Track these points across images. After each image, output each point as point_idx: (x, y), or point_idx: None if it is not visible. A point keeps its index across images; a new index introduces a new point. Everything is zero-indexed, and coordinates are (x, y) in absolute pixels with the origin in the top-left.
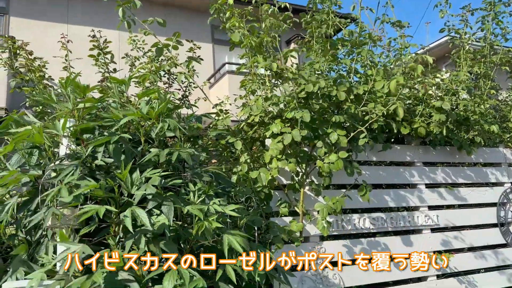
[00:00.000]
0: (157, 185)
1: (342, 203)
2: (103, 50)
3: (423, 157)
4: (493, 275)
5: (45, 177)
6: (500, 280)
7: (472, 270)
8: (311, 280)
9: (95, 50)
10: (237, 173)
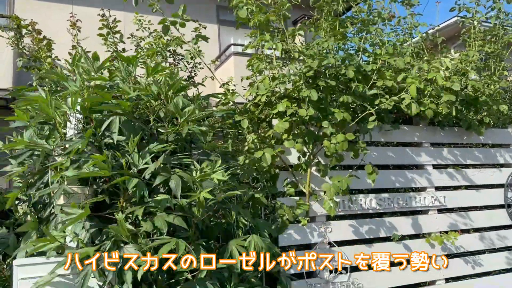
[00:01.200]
0: (165, 162)
1: (349, 183)
2: (112, 29)
3: (431, 138)
4: (498, 256)
5: (54, 154)
6: (506, 261)
7: (478, 251)
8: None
9: (104, 29)
10: (243, 153)
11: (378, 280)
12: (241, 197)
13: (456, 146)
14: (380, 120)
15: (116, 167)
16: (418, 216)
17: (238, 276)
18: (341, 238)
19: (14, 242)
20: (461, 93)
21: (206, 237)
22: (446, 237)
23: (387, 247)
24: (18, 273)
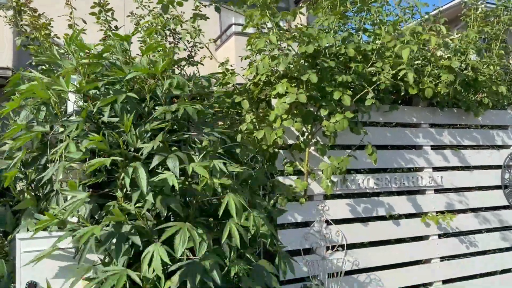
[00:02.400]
0: (163, 140)
1: (347, 163)
2: (104, 7)
3: (430, 118)
4: (494, 236)
5: (53, 133)
6: (500, 241)
7: (474, 231)
8: (314, 237)
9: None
10: (242, 132)
11: (373, 258)
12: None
13: (454, 127)
14: (379, 100)
15: (114, 146)
16: (415, 196)
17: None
18: (338, 216)
19: (11, 219)
20: (460, 74)
21: (205, 215)
22: (442, 217)
23: (383, 226)
24: (20, 247)
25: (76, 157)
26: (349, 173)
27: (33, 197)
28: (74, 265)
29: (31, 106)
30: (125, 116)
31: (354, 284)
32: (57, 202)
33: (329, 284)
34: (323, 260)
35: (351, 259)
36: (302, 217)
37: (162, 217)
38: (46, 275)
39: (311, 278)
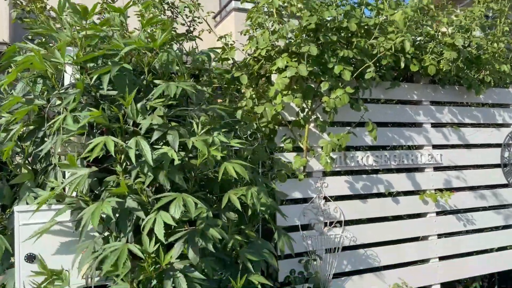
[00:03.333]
0: (162, 115)
1: (347, 139)
2: None
3: (431, 96)
4: (491, 214)
5: (50, 106)
6: (497, 219)
7: (472, 209)
8: (312, 213)
9: None
10: (241, 108)
11: (371, 234)
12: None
13: (455, 105)
14: (381, 77)
15: (112, 120)
16: (414, 173)
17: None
18: (337, 193)
19: (9, 193)
20: (463, 51)
21: (205, 190)
22: (440, 195)
23: (381, 203)
24: (19, 219)
25: (74, 130)
26: (348, 151)
27: (30, 171)
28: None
29: (28, 79)
30: (126, 91)
31: (352, 260)
32: (55, 176)
33: (326, 259)
34: (321, 236)
35: (349, 235)
36: (300, 194)
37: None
38: (45, 248)
39: (309, 254)
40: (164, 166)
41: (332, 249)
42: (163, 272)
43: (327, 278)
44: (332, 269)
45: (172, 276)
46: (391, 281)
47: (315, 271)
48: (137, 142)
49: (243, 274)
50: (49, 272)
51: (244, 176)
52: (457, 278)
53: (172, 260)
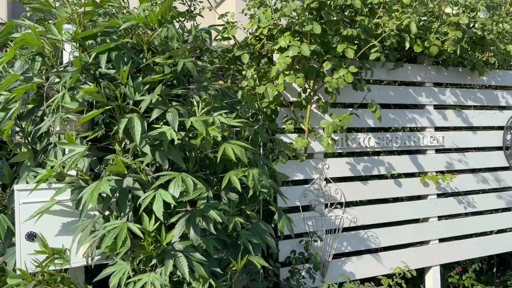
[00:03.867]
0: (162, 94)
1: (349, 120)
2: None
3: (434, 77)
4: (491, 197)
5: (49, 84)
6: (498, 202)
7: (472, 191)
8: (313, 194)
9: None
10: (243, 88)
11: (371, 215)
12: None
13: (458, 87)
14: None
15: (112, 98)
16: (416, 155)
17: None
18: (338, 175)
19: (9, 172)
20: (468, 31)
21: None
22: (442, 177)
23: (382, 185)
24: (19, 198)
25: (72, 108)
26: (350, 132)
27: (30, 150)
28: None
29: (26, 57)
30: (121, 67)
31: (352, 241)
32: (54, 155)
33: (327, 240)
34: (322, 217)
35: (349, 216)
36: (301, 175)
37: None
38: (45, 227)
39: (310, 234)
40: (164, 145)
41: (332, 230)
42: (163, 252)
43: (327, 259)
44: (332, 250)
45: (173, 256)
46: (390, 262)
47: (316, 252)
48: (130, 119)
49: (244, 254)
50: (50, 251)
51: (243, 158)
52: (456, 260)
53: (174, 240)
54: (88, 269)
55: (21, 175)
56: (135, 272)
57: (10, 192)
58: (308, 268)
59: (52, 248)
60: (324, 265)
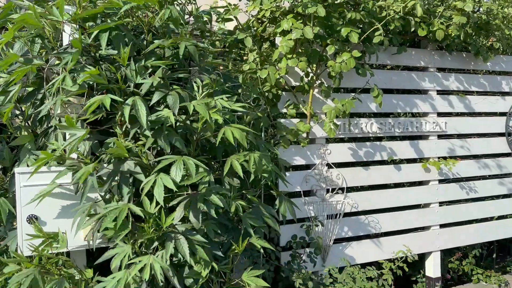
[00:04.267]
0: (163, 77)
1: (352, 105)
2: None
3: (438, 62)
4: (493, 183)
5: (49, 66)
6: (499, 188)
7: (474, 177)
8: (315, 179)
9: None
10: (244, 72)
11: (373, 201)
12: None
13: (462, 72)
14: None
15: (112, 81)
16: (418, 141)
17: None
18: (340, 160)
19: (9, 155)
20: (473, 16)
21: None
22: (444, 163)
23: (384, 170)
24: (20, 181)
25: (73, 91)
26: (352, 117)
27: (30, 133)
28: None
29: (25, 38)
30: (122, 49)
31: (353, 226)
32: (55, 138)
33: (328, 225)
34: (323, 202)
35: (351, 201)
36: (303, 160)
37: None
38: (47, 210)
39: (311, 219)
40: (164, 128)
41: (333, 215)
42: (164, 234)
43: (328, 243)
44: (333, 234)
45: (173, 238)
46: (391, 247)
47: (317, 236)
48: (134, 101)
49: (245, 238)
50: (45, 235)
51: (242, 143)
52: (457, 245)
53: (174, 222)
54: (90, 252)
55: (21, 158)
56: (136, 255)
57: (11, 175)
58: (309, 252)
59: (47, 232)
60: (325, 250)
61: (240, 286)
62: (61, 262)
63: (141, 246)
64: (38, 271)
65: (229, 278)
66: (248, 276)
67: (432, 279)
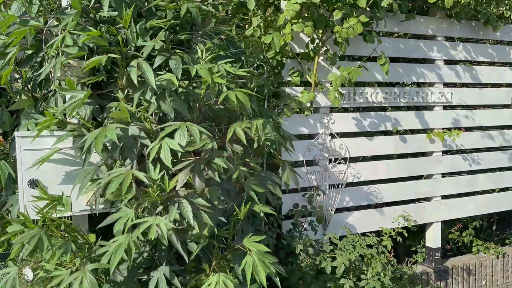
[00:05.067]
0: (165, 40)
1: (358, 73)
2: None
3: (446, 31)
4: (497, 155)
5: (47, 27)
6: (503, 160)
7: (478, 149)
8: (318, 149)
9: None
10: (248, 37)
11: (375, 171)
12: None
13: (470, 41)
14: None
15: (113, 43)
16: (423, 111)
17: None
18: (343, 130)
19: (9, 119)
20: None
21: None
22: (448, 134)
23: (387, 141)
24: (20, 145)
25: (73, 53)
26: (357, 86)
27: (30, 97)
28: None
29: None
30: (123, 10)
31: (354, 195)
32: (55, 103)
33: (330, 194)
34: (326, 172)
35: (353, 171)
36: (306, 129)
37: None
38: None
39: (313, 189)
40: (167, 93)
41: (335, 185)
42: (167, 199)
43: (329, 213)
44: (335, 204)
45: (177, 202)
46: (392, 217)
47: (318, 205)
48: (139, 64)
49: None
50: (49, 197)
51: (246, 105)
52: (458, 216)
53: (177, 187)
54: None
55: (22, 122)
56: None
57: (11, 139)
58: (311, 221)
59: (52, 195)
60: (326, 219)
61: (242, 251)
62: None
63: (144, 211)
64: (44, 232)
65: (230, 243)
66: (249, 242)
67: (432, 249)
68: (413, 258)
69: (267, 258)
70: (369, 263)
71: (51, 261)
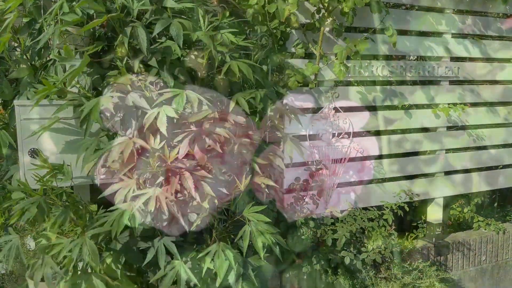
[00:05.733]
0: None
1: (366, 45)
2: None
3: (454, 3)
4: (502, 131)
5: None
6: (508, 137)
7: (482, 125)
8: (321, 123)
9: None
10: (252, 6)
11: (378, 146)
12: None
13: (478, 15)
14: None
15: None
16: (429, 86)
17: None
18: (348, 104)
19: (9, 88)
20: None
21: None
22: (453, 109)
23: (392, 116)
24: (20, 114)
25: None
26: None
27: (29, 66)
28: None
29: None
30: None
31: (357, 170)
32: (55, 72)
33: (332, 169)
34: (328, 146)
35: (356, 146)
36: (310, 103)
37: None
38: (49, 145)
39: (315, 163)
40: (167, 60)
41: (338, 160)
42: (168, 170)
43: (331, 187)
44: (337, 178)
45: (178, 173)
46: (394, 192)
47: (321, 179)
48: (133, 28)
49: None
50: (50, 166)
51: (249, 77)
52: (460, 193)
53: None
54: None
55: (21, 91)
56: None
57: (11, 108)
58: (312, 195)
59: (53, 164)
60: (328, 193)
61: (242, 223)
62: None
63: (145, 182)
64: (44, 199)
65: (231, 215)
66: (249, 212)
67: (433, 224)
68: (414, 233)
69: (267, 229)
70: (370, 235)
71: (51, 230)
